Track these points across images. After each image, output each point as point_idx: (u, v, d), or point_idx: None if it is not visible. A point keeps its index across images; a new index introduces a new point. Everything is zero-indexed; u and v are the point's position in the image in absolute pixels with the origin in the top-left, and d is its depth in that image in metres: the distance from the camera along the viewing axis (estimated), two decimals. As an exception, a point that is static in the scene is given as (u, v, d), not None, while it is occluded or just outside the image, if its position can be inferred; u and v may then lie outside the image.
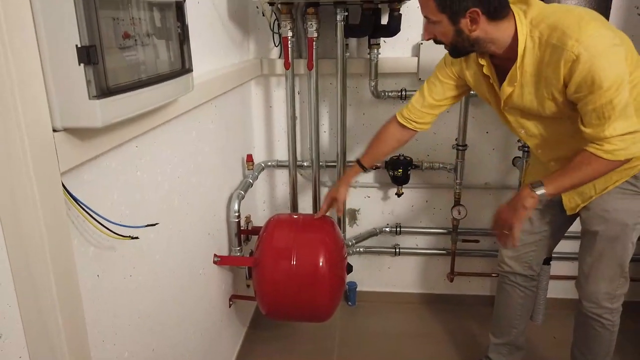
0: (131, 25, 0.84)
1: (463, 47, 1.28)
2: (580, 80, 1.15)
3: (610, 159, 1.20)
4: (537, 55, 1.22)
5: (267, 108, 2.26)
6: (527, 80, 1.27)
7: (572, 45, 1.13)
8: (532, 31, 1.21)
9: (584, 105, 1.18)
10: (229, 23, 1.85)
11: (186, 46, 1.08)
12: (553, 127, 1.35)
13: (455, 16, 1.20)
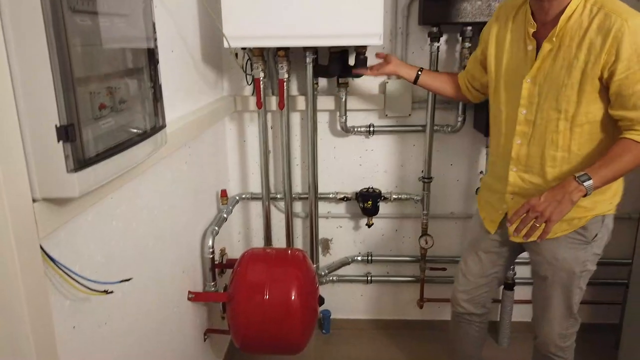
0: (107, 95, 0.91)
1: None
2: (632, 53, 1.18)
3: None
4: (585, 22, 1.23)
5: (241, 142, 2.33)
6: (566, 43, 1.27)
7: (621, 22, 1.18)
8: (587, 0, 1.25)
9: (631, 85, 1.20)
10: (203, 65, 1.92)
11: (160, 104, 1.14)
12: (550, 120, 1.34)
13: None
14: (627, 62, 1.19)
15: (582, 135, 1.32)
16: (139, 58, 1.06)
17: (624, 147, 1.24)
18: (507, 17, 1.44)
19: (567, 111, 1.30)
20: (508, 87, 1.44)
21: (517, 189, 1.47)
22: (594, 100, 1.28)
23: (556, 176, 1.37)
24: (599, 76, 1.24)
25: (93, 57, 0.87)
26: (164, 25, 1.51)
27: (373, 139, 2.28)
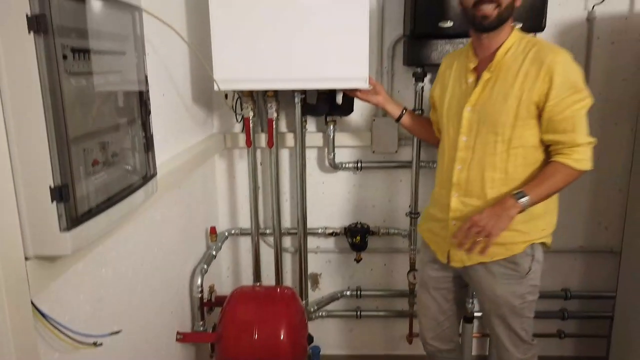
0: (100, 150, 0.93)
1: (506, 16, 1.39)
2: (562, 82, 1.32)
3: (577, 167, 1.36)
4: (520, 56, 1.39)
5: (231, 179, 2.35)
6: (502, 73, 1.41)
7: (553, 55, 1.34)
8: (522, 38, 1.43)
9: (561, 111, 1.34)
10: (193, 106, 1.96)
11: (151, 153, 1.17)
12: (487, 143, 1.44)
13: None
14: (558, 89, 1.33)
15: (517, 158, 1.42)
16: (132, 110, 1.09)
17: (555, 169, 1.37)
18: (452, 62, 1.60)
19: (503, 134, 1.41)
20: (451, 119, 1.55)
21: (458, 214, 1.52)
22: (528, 126, 1.39)
23: (495, 197, 1.45)
24: (535, 102, 1.36)
25: (87, 115, 0.90)
26: (155, 71, 1.55)
27: (361, 175, 2.32)
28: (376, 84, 1.81)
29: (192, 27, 1.89)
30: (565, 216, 2.28)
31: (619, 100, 2.19)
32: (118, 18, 1.01)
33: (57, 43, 0.76)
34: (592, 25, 2.11)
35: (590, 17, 2.10)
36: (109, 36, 0.97)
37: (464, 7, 1.42)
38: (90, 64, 0.88)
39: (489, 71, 1.42)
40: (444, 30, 1.88)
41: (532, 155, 1.43)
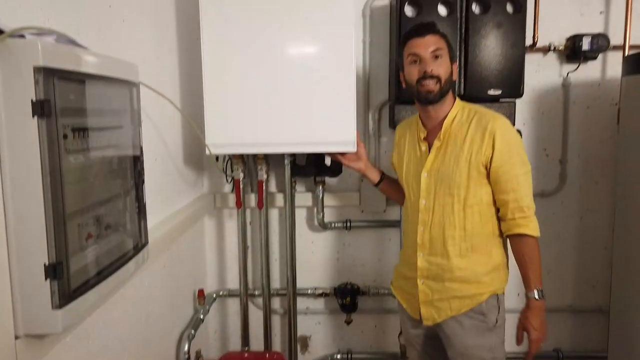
0: (94, 224, 0.94)
1: (445, 90, 1.52)
2: (503, 145, 1.45)
3: (536, 235, 1.47)
4: (465, 123, 1.51)
5: (220, 239, 2.35)
6: (451, 139, 1.52)
7: (493, 121, 1.48)
8: (464, 107, 1.56)
9: (506, 171, 1.46)
10: (184, 168, 1.98)
11: (143, 222, 1.18)
12: (445, 205, 1.53)
13: (452, 60, 1.54)
14: (501, 152, 1.45)
15: (473, 215, 1.52)
16: (126, 181, 1.11)
17: (525, 246, 1.48)
18: (405, 131, 1.72)
19: (459, 194, 1.51)
20: (410, 184, 1.64)
21: (425, 272, 1.58)
22: (480, 185, 1.50)
23: (457, 253, 1.53)
24: (483, 163, 1.47)
25: (83, 190, 0.91)
26: (149, 137, 1.58)
27: (350, 234, 2.34)
28: (359, 149, 1.84)
29: (185, 93, 1.95)
30: (553, 275, 2.33)
31: (598, 160, 2.27)
32: (116, 94, 1.05)
33: (59, 124, 0.79)
34: (568, 91, 2.22)
35: (566, 84, 2.21)
36: (107, 112, 1.00)
37: (408, 84, 1.56)
38: (88, 140, 0.91)
39: (439, 140, 1.54)
40: (428, 97, 1.96)
41: (488, 211, 1.53)
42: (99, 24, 1.27)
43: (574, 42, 2.14)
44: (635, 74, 1.78)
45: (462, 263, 1.52)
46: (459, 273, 1.52)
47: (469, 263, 1.53)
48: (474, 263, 1.53)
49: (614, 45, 2.15)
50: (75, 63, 0.86)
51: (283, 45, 1.77)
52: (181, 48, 1.93)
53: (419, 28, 1.53)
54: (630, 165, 1.85)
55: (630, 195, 1.86)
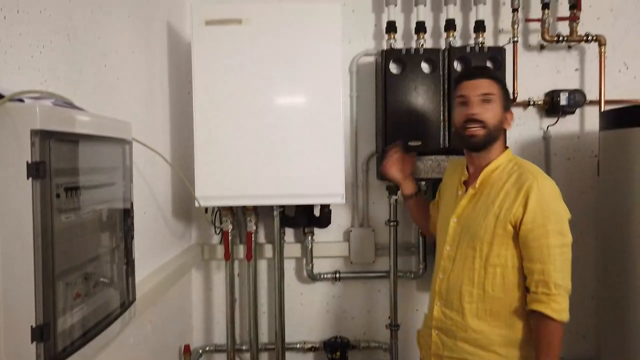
0: (82, 282, 0.93)
1: (493, 136, 1.44)
2: (537, 207, 1.31)
3: (559, 319, 1.29)
4: (504, 176, 1.42)
5: (207, 291, 2.31)
6: (486, 190, 1.43)
7: (532, 179, 1.35)
8: (510, 159, 1.46)
9: (536, 238, 1.32)
10: (173, 220, 1.98)
11: (131, 279, 1.17)
12: (467, 257, 1.43)
13: (505, 108, 1.46)
14: (533, 215, 1.32)
15: (495, 276, 1.39)
16: (116, 238, 1.11)
17: (538, 329, 1.32)
18: (453, 171, 1.64)
19: (481, 250, 1.40)
20: (441, 226, 1.57)
21: (439, 324, 1.49)
22: (506, 245, 1.38)
23: (473, 313, 1.41)
24: (511, 222, 1.35)
25: (73, 248, 0.91)
26: (139, 191, 1.59)
27: (339, 286, 2.32)
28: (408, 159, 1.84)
29: (176, 146, 1.98)
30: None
31: (580, 211, 2.31)
32: (110, 152, 1.07)
33: (52, 185, 0.80)
34: (549, 143, 2.29)
35: (546, 136, 2.29)
36: (100, 170, 1.02)
37: (455, 126, 1.51)
38: (80, 199, 0.92)
39: (474, 187, 1.46)
40: (413, 149, 2.00)
41: (514, 277, 1.39)
42: (95, 83, 1.30)
43: (552, 97, 2.23)
44: (612, 129, 1.86)
45: (478, 325, 1.40)
46: (473, 335, 1.40)
47: (485, 327, 1.40)
48: (491, 329, 1.39)
49: (590, 100, 2.24)
50: (71, 125, 0.88)
51: (272, 100, 1.82)
52: (173, 102, 1.98)
53: (471, 70, 1.50)
54: (610, 216, 1.89)
55: (611, 246, 1.89)
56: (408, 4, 2.27)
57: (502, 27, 2.29)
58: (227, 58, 1.79)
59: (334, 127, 1.83)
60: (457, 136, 1.50)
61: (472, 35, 2.16)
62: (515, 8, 2.15)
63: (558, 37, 2.19)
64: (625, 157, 1.77)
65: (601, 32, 2.21)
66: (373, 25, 2.30)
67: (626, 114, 1.81)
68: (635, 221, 1.73)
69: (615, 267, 1.86)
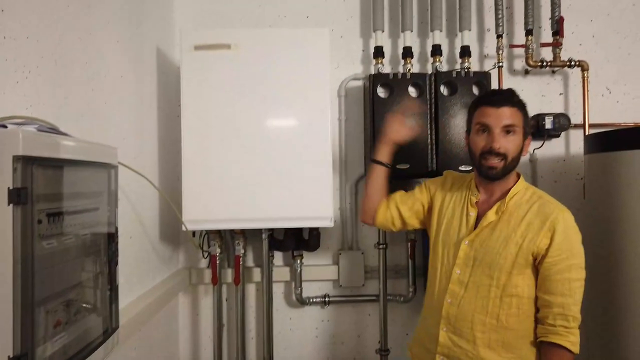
0: (63, 310, 0.92)
1: (512, 167, 1.38)
2: (563, 240, 1.29)
3: (575, 352, 1.28)
4: (525, 204, 1.37)
5: (194, 316, 2.28)
6: (505, 217, 1.37)
7: (558, 212, 1.33)
8: (528, 187, 1.42)
9: (560, 271, 1.30)
10: (160, 244, 1.96)
11: (114, 305, 1.15)
12: (482, 285, 1.38)
13: (526, 136, 1.40)
14: (559, 249, 1.30)
15: (510, 307, 1.35)
16: (100, 263, 1.09)
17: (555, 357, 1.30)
18: (453, 185, 1.56)
19: (499, 279, 1.35)
20: (447, 246, 1.48)
21: (446, 351, 1.43)
22: (524, 275, 1.35)
23: (486, 344, 1.37)
24: (533, 253, 1.32)
25: (55, 275, 0.90)
26: (125, 215, 1.58)
27: (329, 310, 2.30)
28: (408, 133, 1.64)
29: (164, 169, 1.97)
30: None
31: (568, 233, 2.33)
32: (94, 177, 1.06)
33: (34, 210, 0.79)
34: (536, 166, 2.32)
35: (533, 159, 2.32)
36: (84, 195, 1.01)
37: (471, 152, 1.43)
38: (63, 224, 0.91)
39: (496, 214, 1.39)
40: (401, 171, 2.02)
41: (528, 308, 1.36)
42: (82, 107, 1.31)
43: (538, 121, 2.26)
44: (596, 153, 1.88)
45: (490, 356, 1.35)
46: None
47: (497, 358, 1.35)
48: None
49: (575, 123, 2.28)
50: (55, 150, 0.87)
51: (261, 123, 1.83)
52: (161, 125, 1.98)
53: (496, 96, 1.40)
54: (597, 239, 1.90)
55: (599, 269, 1.89)
56: (395, 30, 2.32)
57: (487, 52, 2.34)
58: (216, 82, 1.81)
59: (323, 150, 1.84)
60: (474, 163, 1.43)
61: (458, 60, 2.20)
62: (499, 34, 2.20)
63: (542, 63, 2.24)
64: (610, 180, 1.79)
65: (584, 58, 2.26)
66: (361, 51, 2.34)
67: (610, 138, 1.84)
68: (621, 244, 1.74)
69: (603, 291, 1.86)
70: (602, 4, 2.36)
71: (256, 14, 2.31)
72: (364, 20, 2.34)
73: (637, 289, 1.70)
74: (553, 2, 2.23)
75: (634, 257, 1.70)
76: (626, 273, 1.73)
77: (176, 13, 2.28)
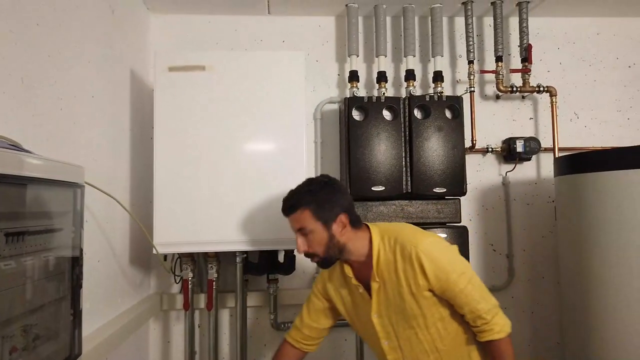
0: (21, 335, 0.87)
1: (333, 255, 1.42)
2: (434, 269, 1.35)
3: (505, 336, 1.39)
4: (390, 256, 1.41)
5: (165, 344, 2.21)
6: (386, 277, 1.42)
7: (414, 248, 1.37)
8: (382, 237, 1.44)
9: (450, 290, 1.37)
10: (130, 268, 1.91)
11: (77, 331, 1.10)
12: (410, 337, 1.44)
13: (328, 222, 1.39)
14: (436, 277, 1.36)
15: (439, 332, 1.44)
16: (63, 287, 1.05)
17: (493, 353, 1.41)
18: (330, 276, 1.59)
19: (418, 324, 1.43)
20: (364, 327, 1.54)
21: None
22: (434, 304, 1.42)
23: None
24: (426, 290, 1.39)
25: (13, 298, 0.86)
26: (93, 237, 1.53)
27: (303, 335, 2.25)
28: None
29: (135, 192, 1.94)
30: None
31: (541, 255, 2.36)
32: (58, 196, 1.03)
33: (-9, 230, 0.76)
34: (508, 189, 2.36)
35: (505, 182, 2.35)
36: (47, 215, 0.98)
37: None
38: (23, 245, 0.87)
39: (376, 281, 1.44)
40: (376, 194, 2.03)
41: (452, 322, 1.45)
42: (50, 127, 1.28)
43: (509, 144, 2.31)
44: (565, 175, 1.92)
45: None
46: None
47: None
48: None
49: (545, 147, 2.34)
50: (16, 167, 0.84)
51: (235, 145, 1.82)
52: (134, 147, 1.95)
53: (282, 206, 1.45)
54: (570, 261, 1.93)
55: (573, 291, 1.91)
56: (369, 55, 2.36)
57: (459, 77, 2.40)
58: (190, 104, 1.79)
59: (298, 172, 1.83)
60: None
61: (431, 85, 2.25)
62: (470, 60, 2.26)
63: (512, 88, 2.30)
64: (579, 201, 1.83)
65: (552, 84, 2.33)
66: (336, 75, 2.37)
67: (578, 160, 1.89)
68: (593, 265, 1.77)
69: (577, 312, 1.88)
70: (569, 33, 2.45)
71: (232, 38, 2.33)
72: (339, 45, 2.37)
73: (610, 300, 1.72)
74: (521, 30, 2.30)
75: (603, 271, 1.73)
76: (598, 286, 1.76)
77: (152, 37, 2.28)
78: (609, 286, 1.72)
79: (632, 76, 2.46)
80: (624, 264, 1.68)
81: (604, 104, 2.44)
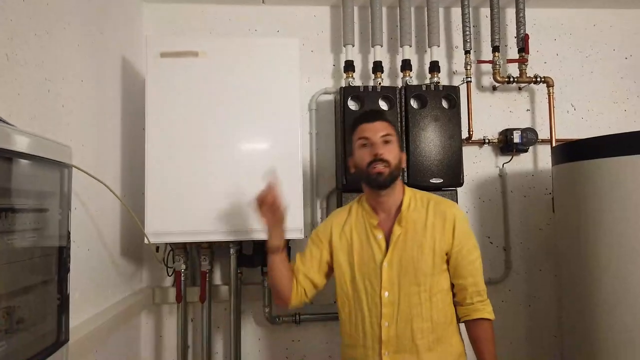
0: (3, 317, 0.83)
1: (396, 175, 1.47)
2: (462, 231, 1.46)
3: (492, 319, 1.46)
4: (422, 210, 1.49)
5: (157, 338, 2.16)
6: (410, 227, 1.46)
7: (450, 209, 1.49)
8: (415, 194, 1.53)
9: (465, 256, 1.45)
10: (121, 260, 1.86)
11: (65, 316, 1.06)
12: (412, 295, 1.42)
13: (400, 147, 1.52)
14: (460, 238, 1.46)
15: (437, 303, 1.45)
16: (49, 269, 1.01)
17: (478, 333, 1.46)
18: (345, 221, 1.56)
19: (425, 283, 1.44)
20: (366, 276, 1.48)
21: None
22: (442, 272, 1.47)
23: (426, 347, 1.42)
24: (445, 250, 1.46)
25: (-6, 277, 0.82)
26: (82, 225, 1.49)
27: (299, 328, 2.22)
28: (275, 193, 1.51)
29: (126, 179, 1.90)
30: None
31: (539, 247, 2.34)
32: (45, 175, 0.99)
33: (-29, 203, 0.72)
34: (505, 181, 2.33)
35: (502, 174, 2.33)
36: (32, 194, 0.94)
37: (359, 168, 1.48)
38: (6, 222, 0.83)
39: (400, 226, 1.45)
40: (374, 185, 2.00)
41: (447, 298, 1.49)
42: (36, 108, 1.24)
43: (506, 135, 2.29)
44: (563, 163, 1.90)
45: (432, 357, 1.41)
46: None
47: (437, 357, 1.42)
48: (441, 356, 1.43)
49: (542, 139, 2.32)
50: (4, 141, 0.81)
51: (228, 134, 1.78)
52: (126, 135, 1.91)
53: (369, 114, 1.53)
54: (568, 253, 1.91)
55: (571, 284, 1.89)
56: (365, 45, 2.33)
57: (455, 69, 2.38)
58: (183, 91, 1.76)
59: (293, 161, 1.81)
60: (363, 177, 1.48)
61: (428, 75, 2.22)
62: (467, 50, 2.24)
63: (509, 79, 2.28)
64: (577, 189, 1.81)
65: (549, 75, 2.31)
66: (332, 65, 2.34)
67: (576, 148, 1.87)
68: (591, 249, 1.74)
69: (576, 304, 1.85)
70: (565, 24, 2.44)
71: (226, 27, 2.30)
72: (335, 35, 2.35)
73: (609, 289, 1.70)
74: (518, 20, 2.29)
75: (603, 259, 1.71)
76: (598, 276, 1.74)
77: (145, 25, 2.25)
78: (606, 268, 1.70)
79: (628, 67, 2.45)
80: (623, 253, 1.66)
81: (601, 96, 2.43)
